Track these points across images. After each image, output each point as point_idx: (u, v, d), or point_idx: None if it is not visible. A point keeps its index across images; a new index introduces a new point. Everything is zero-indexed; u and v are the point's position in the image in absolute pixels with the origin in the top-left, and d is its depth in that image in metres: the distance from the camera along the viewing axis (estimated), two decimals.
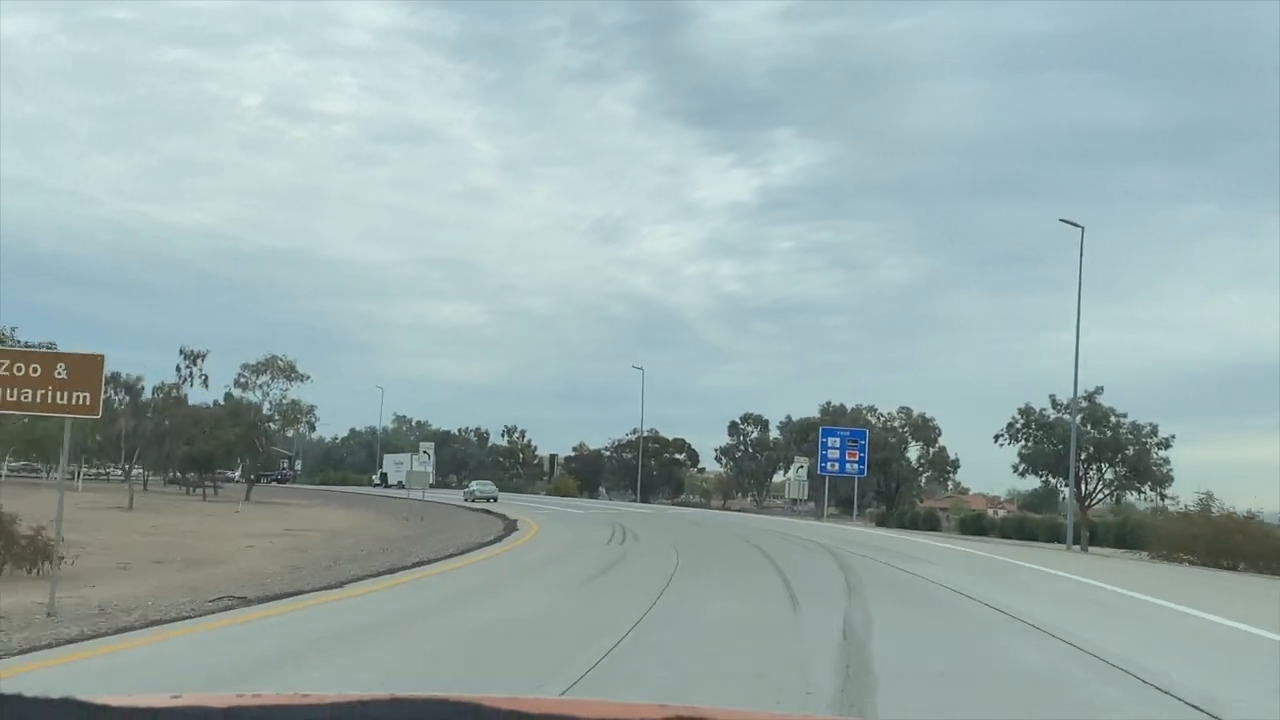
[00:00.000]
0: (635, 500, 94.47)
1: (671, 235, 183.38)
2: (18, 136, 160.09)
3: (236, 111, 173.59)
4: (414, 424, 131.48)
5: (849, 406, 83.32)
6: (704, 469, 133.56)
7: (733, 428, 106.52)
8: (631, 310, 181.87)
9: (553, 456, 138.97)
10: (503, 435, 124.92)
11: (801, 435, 79.39)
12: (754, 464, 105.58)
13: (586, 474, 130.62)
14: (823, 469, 57.67)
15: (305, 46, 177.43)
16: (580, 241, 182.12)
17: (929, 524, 66.16)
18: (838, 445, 57.14)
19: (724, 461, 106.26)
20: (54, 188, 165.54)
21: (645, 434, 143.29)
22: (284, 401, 70.74)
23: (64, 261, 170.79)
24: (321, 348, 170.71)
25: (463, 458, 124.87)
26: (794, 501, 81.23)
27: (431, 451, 69.39)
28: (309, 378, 70.60)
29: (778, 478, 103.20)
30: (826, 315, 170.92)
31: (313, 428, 79.65)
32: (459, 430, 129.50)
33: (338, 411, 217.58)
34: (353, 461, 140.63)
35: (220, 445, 66.53)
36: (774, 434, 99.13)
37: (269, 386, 70.29)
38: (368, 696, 1.59)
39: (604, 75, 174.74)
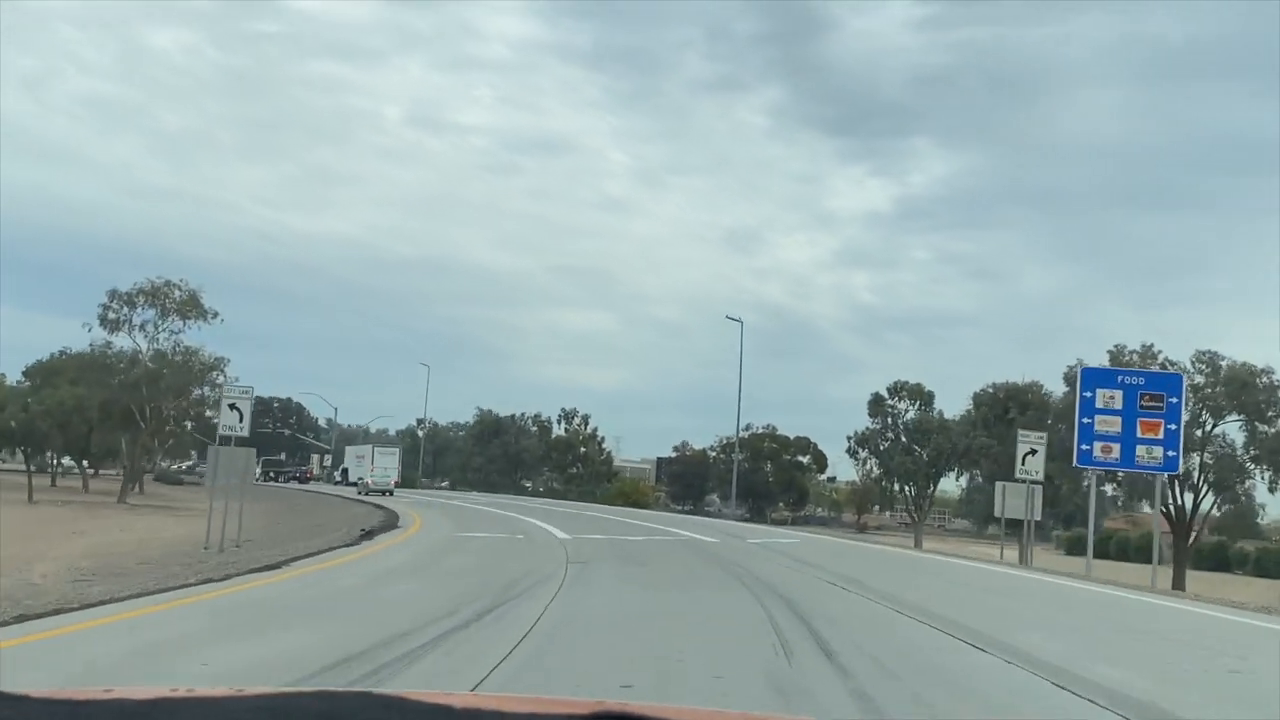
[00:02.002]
0: (726, 511, 66.80)
1: (805, 245, 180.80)
2: (167, 148, 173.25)
3: (377, 123, 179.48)
4: (488, 413, 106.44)
5: None
6: (834, 478, 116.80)
7: (877, 404, 67.34)
8: (764, 320, 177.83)
9: (659, 460, 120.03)
10: (559, 421, 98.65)
11: (999, 408, 49.25)
12: (910, 461, 66.28)
13: (689, 479, 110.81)
14: (1083, 458, 29.34)
15: (444, 59, 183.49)
16: (713, 250, 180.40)
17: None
18: (1118, 403, 28.69)
19: (861, 456, 69.04)
20: (200, 197, 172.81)
21: (761, 430, 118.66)
22: (176, 350, 45.69)
23: (208, 269, 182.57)
24: (456, 354, 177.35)
25: (514, 453, 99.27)
26: (986, 522, 54.56)
27: (397, 451, 75.33)
28: (218, 315, 45.55)
29: (945, 484, 73.25)
30: (962, 327, 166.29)
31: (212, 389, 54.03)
32: (517, 416, 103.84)
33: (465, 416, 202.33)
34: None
35: (78, 415, 41.54)
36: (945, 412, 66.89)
37: (157, 328, 45.30)
38: (295, 690, 1.60)
39: (738, 85, 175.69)
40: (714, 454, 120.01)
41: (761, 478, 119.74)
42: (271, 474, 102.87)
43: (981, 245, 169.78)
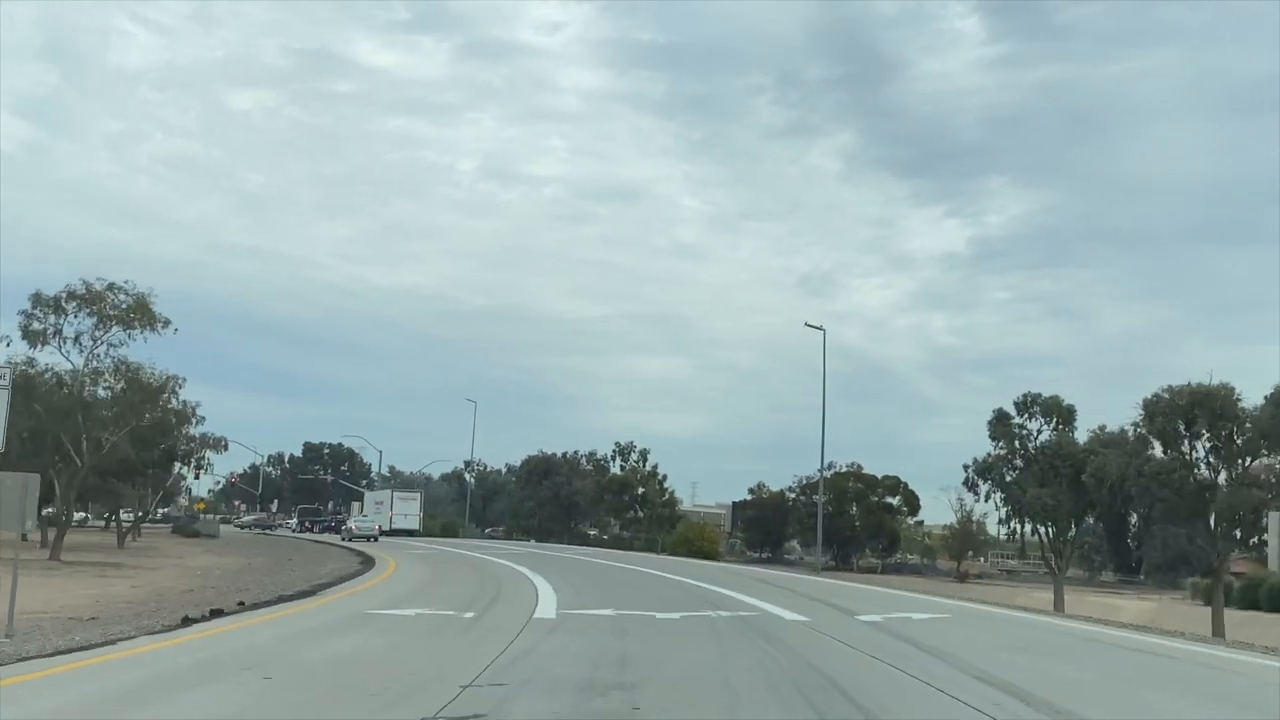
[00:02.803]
0: (809, 558, 55.90)
1: (881, 288, 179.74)
2: (250, 206, 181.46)
3: (451, 177, 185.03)
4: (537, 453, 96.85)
5: None
6: (921, 520, 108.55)
7: (1001, 424, 51.77)
8: (840, 363, 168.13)
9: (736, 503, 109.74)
10: (614, 457, 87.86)
11: (1179, 418, 36.11)
12: (1050, 495, 47.40)
13: (766, 524, 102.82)
14: None
15: (517, 112, 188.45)
16: (787, 295, 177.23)
17: None
18: None
19: (980, 488, 52.97)
20: (282, 254, 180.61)
21: (845, 468, 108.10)
22: (119, 366, 36.46)
23: (290, 324, 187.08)
24: (529, 402, 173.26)
25: (566, 495, 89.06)
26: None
27: (418, 496, 75.23)
28: (169, 324, 36.31)
29: None
30: (1043, 367, 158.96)
31: (189, 420, 44.87)
32: (569, 455, 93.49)
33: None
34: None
35: None
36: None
37: (94, 341, 36.15)
38: None
39: (810, 129, 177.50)
40: (793, 496, 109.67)
41: (846, 521, 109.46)
42: (307, 524, 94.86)
43: (1061, 284, 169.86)
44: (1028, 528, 50.70)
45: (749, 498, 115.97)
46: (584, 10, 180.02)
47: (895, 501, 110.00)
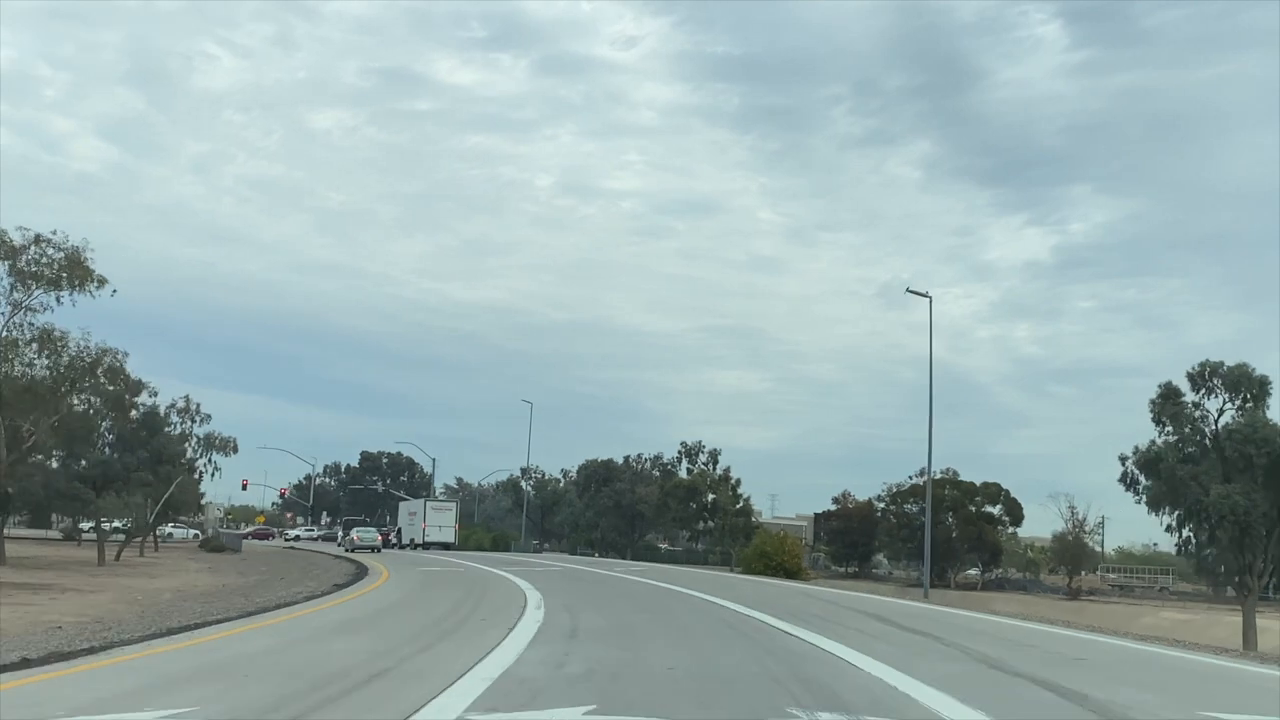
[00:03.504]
0: (898, 573, 46.48)
1: (963, 297, 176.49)
2: (331, 224, 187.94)
3: (530, 192, 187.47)
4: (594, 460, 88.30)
5: None
6: (1014, 533, 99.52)
7: (1169, 402, 40.12)
8: (921, 375, 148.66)
9: (817, 515, 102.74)
10: (679, 459, 78.61)
11: None
12: (1243, 495, 36.49)
13: (852, 536, 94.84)
14: None
15: (594, 127, 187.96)
16: (866, 306, 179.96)
17: None
18: None
19: (1142, 487, 40.44)
20: (363, 271, 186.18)
21: (940, 474, 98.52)
22: (43, 336, 28.83)
23: (372, 339, 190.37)
24: (607, 416, 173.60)
25: (629, 504, 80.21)
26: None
27: (453, 508, 73.55)
28: (105, 284, 28.60)
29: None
30: (1131, 377, 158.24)
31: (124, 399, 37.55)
32: (631, 459, 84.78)
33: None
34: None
35: None
36: None
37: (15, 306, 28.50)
38: None
39: (888, 139, 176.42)
40: (882, 505, 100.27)
41: (942, 532, 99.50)
42: (357, 537, 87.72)
43: (1148, 293, 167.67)
44: (1175, 533, 40.15)
45: (833, 508, 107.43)
46: (659, 25, 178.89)
47: (995, 511, 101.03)
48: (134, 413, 41.60)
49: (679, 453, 78.23)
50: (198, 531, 78.23)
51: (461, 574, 33.19)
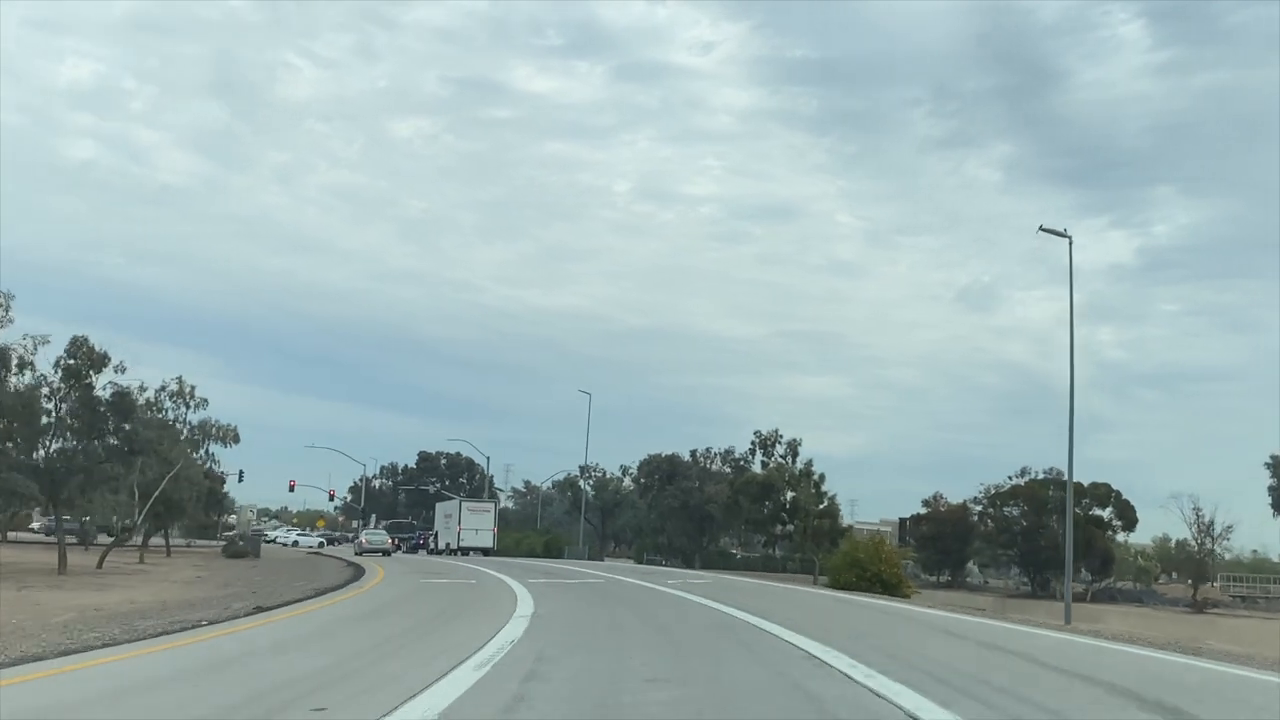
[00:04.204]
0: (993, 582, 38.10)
1: (1045, 300, 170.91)
2: (413, 232, 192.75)
3: (608, 198, 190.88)
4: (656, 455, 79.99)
5: None
6: (1125, 539, 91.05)
7: None
8: (1004, 380, 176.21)
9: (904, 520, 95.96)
10: (753, 451, 69.19)
11: None
12: None
13: (944, 542, 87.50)
14: None
15: (671, 133, 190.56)
16: (948, 310, 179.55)
17: None
18: None
19: None
20: (443, 278, 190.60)
21: (1042, 474, 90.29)
22: None
23: (450, 346, 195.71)
24: (686, 423, 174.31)
25: (697, 505, 71.81)
26: None
27: (491, 509, 68.27)
28: None
29: None
30: (1220, 381, 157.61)
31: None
32: (698, 453, 76.32)
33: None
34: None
35: None
36: None
37: None
38: None
39: (968, 141, 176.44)
40: (979, 508, 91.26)
41: (1047, 537, 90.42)
42: (395, 541, 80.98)
43: (1236, 295, 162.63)
44: None
45: (923, 511, 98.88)
46: (736, 29, 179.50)
47: (1105, 514, 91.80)
48: (101, 392, 34.68)
49: (752, 443, 68.48)
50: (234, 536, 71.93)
51: (457, 588, 25.59)
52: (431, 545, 69.92)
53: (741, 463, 71.30)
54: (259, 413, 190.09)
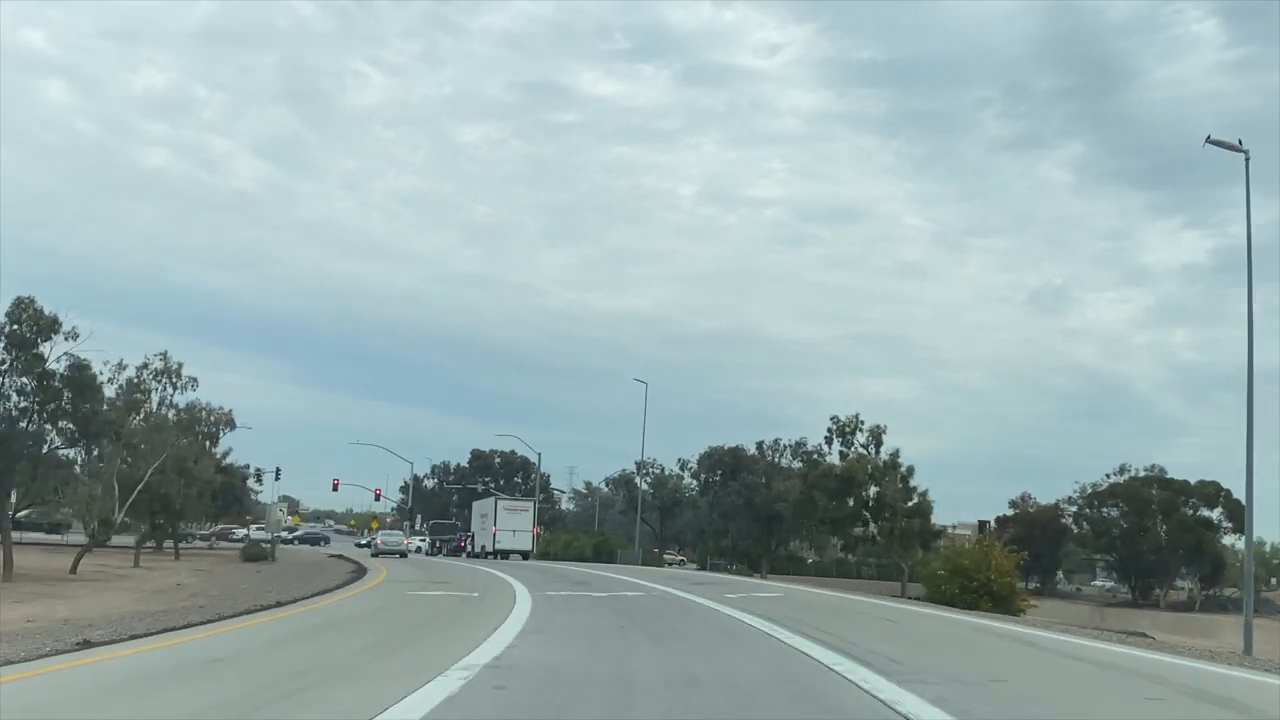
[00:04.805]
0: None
1: (1117, 302, 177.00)
2: (478, 236, 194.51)
3: (673, 201, 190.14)
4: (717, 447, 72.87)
5: None
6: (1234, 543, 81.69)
7: None
8: (1075, 383, 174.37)
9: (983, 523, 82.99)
10: (829, 439, 59.44)
11: None
12: None
13: (1034, 546, 77.64)
14: None
15: (737, 136, 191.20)
16: (1017, 312, 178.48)
17: None
18: None
19: None
20: (509, 282, 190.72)
21: (1143, 472, 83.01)
22: None
23: (514, 349, 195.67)
24: (752, 426, 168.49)
25: (763, 503, 64.76)
26: None
27: (529, 509, 63.40)
28: None
29: None
30: None
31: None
32: (766, 445, 69.22)
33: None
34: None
35: None
36: None
37: None
38: None
39: (1039, 142, 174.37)
40: (1074, 509, 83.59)
41: (1150, 541, 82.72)
42: (437, 543, 75.36)
43: None
44: None
45: (1010, 514, 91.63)
46: (803, 32, 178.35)
47: (1214, 516, 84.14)
48: (56, 365, 29.12)
49: (829, 432, 58.83)
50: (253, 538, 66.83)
51: (447, 601, 19.43)
52: (469, 548, 64.18)
53: (814, 455, 63.60)
54: (323, 416, 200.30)
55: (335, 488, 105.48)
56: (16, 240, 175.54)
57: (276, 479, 66.98)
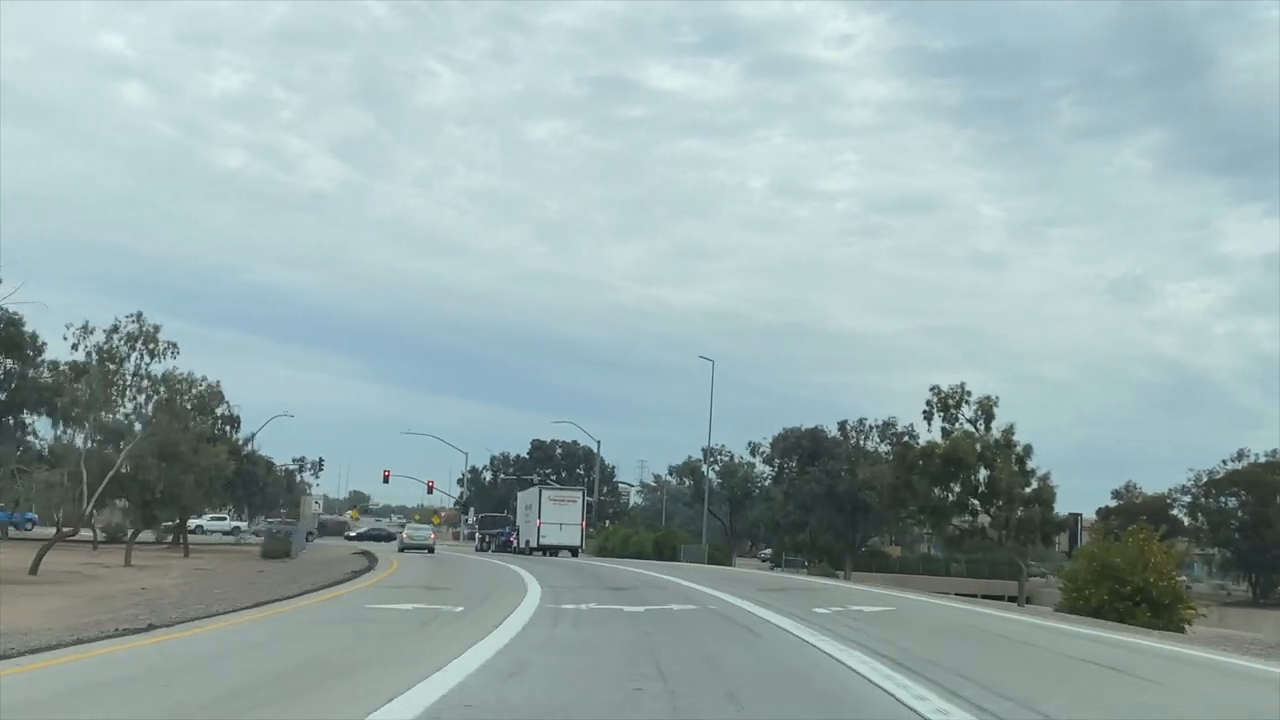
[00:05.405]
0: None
1: (1198, 292, 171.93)
2: (548, 232, 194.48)
3: (742, 195, 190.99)
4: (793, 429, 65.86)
5: None
6: None
7: None
8: (1155, 374, 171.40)
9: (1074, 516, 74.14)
10: (928, 414, 49.50)
11: None
12: None
13: None
14: None
15: (807, 128, 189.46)
16: (1097, 303, 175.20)
17: None
18: None
19: None
20: (578, 278, 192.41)
21: (1264, 457, 75.04)
22: None
23: (584, 344, 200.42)
24: (825, 421, 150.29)
25: (847, 492, 57.52)
26: None
27: (579, 500, 57.12)
28: None
29: None
30: None
31: None
32: (849, 425, 61.96)
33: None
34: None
35: None
36: None
37: None
38: None
39: (1118, 129, 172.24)
40: (1188, 499, 75.56)
41: (1273, 535, 74.57)
42: (486, 539, 69.60)
43: None
44: None
45: (1114, 504, 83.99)
46: (874, 21, 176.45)
47: None
48: None
49: (928, 405, 49.67)
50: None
51: (415, 618, 13.14)
52: (515, 543, 58.12)
53: (906, 437, 56.19)
54: (394, 412, 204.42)
55: (386, 479, 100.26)
56: (97, 242, 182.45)
57: (319, 469, 62.31)
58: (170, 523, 47.26)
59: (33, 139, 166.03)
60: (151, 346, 30.78)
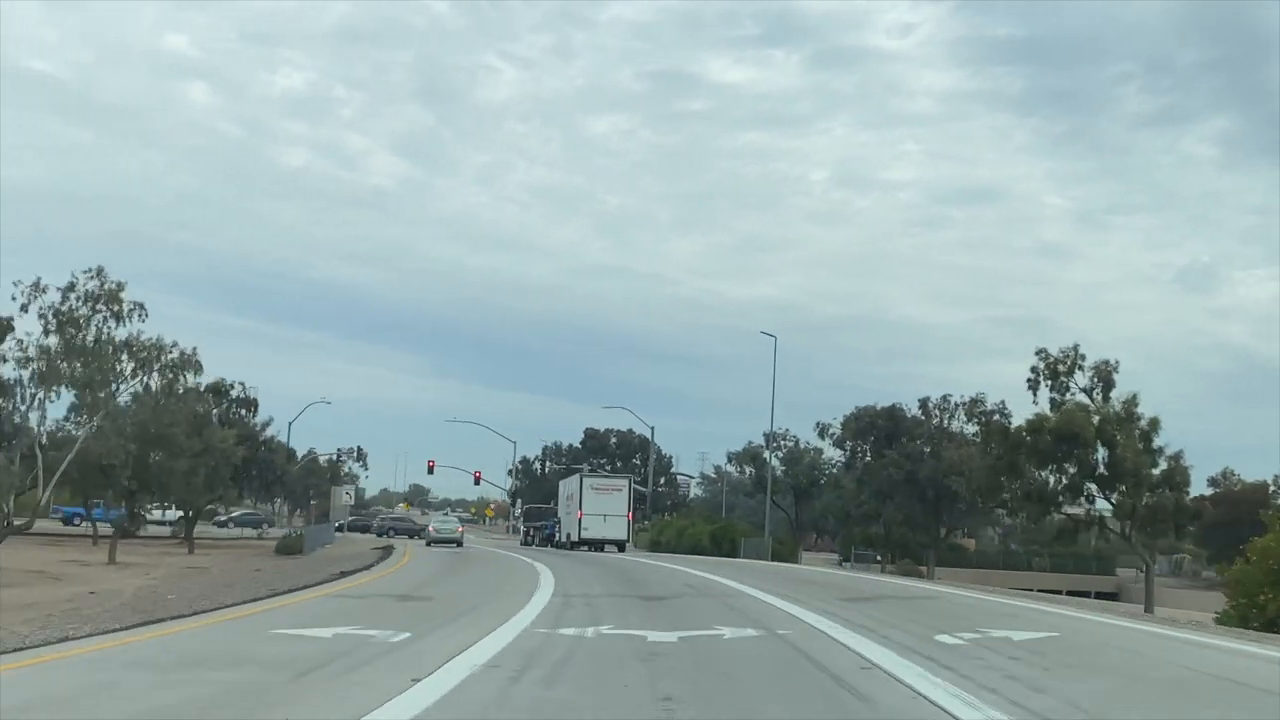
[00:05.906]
0: None
1: (1267, 280, 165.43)
2: (609, 227, 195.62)
3: (804, 187, 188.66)
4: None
5: None
6: None
7: None
8: (1224, 364, 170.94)
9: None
10: (1034, 383, 40.44)
11: None
12: None
13: (1239, 530, 62.23)
14: None
15: (869, 118, 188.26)
16: (1163, 292, 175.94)
17: None
18: None
19: None
20: (639, 271, 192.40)
21: None
22: None
23: (646, 338, 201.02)
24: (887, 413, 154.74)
25: (931, 477, 51.47)
26: None
27: (624, 488, 52.38)
28: None
29: None
30: None
31: None
32: (930, 403, 56.13)
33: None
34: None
35: None
36: None
37: None
38: None
39: (1183, 116, 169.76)
40: None
41: None
42: (530, 531, 64.95)
43: None
44: None
45: (1211, 493, 77.37)
46: (936, 10, 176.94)
47: None
48: None
49: (1033, 371, 42.46)
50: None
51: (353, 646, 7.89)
52: (557, 536, 53.22)
53: (996, 415, 48.91)
54: (454, 407, 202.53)
55: (430, 470, 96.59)
56: (163, 240, 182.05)
57: (361, 461, 58.16)
58: (161, 514, 43.04)
59: (100, 140, 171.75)
60: (115, 308, 26.21)
